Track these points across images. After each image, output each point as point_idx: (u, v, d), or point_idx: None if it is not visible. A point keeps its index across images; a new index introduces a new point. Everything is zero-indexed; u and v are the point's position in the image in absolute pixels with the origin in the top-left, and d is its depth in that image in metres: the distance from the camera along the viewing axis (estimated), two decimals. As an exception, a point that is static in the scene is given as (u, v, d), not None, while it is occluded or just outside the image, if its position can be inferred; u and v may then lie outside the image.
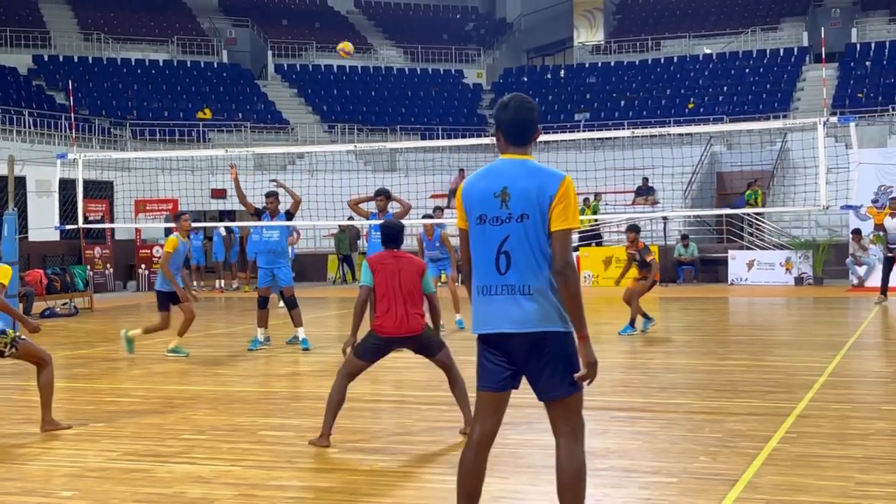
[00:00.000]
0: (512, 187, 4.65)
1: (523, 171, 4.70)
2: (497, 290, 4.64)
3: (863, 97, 35.48)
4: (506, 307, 4.61)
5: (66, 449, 7.80)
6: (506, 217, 4.63)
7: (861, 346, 13.43)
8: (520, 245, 4.60)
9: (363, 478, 6.70)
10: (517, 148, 4.79)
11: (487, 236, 4.66)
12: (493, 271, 4.64)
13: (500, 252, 4.62)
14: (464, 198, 4.78)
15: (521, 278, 4.59)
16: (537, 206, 4.60)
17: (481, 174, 4.80)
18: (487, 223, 4.67)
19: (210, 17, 46.40)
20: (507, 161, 4.77)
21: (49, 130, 32.04)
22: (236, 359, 13.14)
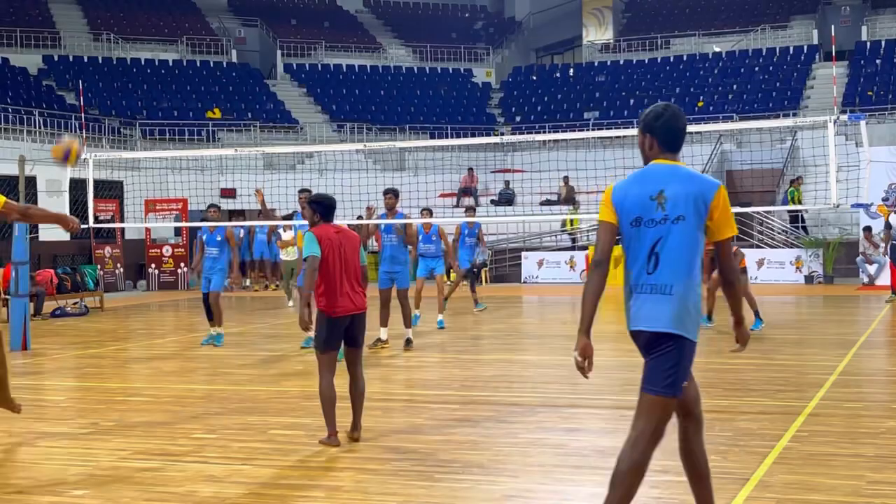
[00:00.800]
0: (668, 191, 4.80)
1: (679, 176, 4.86)
2: (644, 290, 4.82)
3: (873, 95, 35.37)
4: (648, 305, 4.79)
5: (77, 448, 7.82)
6: (661, 219, 4.78)
7: (871, 345, 13.39)
8: (671, 246, 4.75)
9: (373, 476, 6.70)
10: (671, 154, 4.99)
11: (642, 238, 4.83)
12: (643, 271, 4.83)
13: (652, 253, 4.80)
14: (617, 201, 4.92)
15: (666, 279, 4.76)
16: (694, 209, 4.74)
17: (635, 179, 4.95)
18: (643, 225, 4.83)
19: (219, 17, 46.45)
20: (662, 166, 4.93)
21: (59, 130, 32.09)
22: (247, 358, 13.16)
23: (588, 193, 30.82)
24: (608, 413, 8.87)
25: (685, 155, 21.24)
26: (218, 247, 14.53)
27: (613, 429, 8.11)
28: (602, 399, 9.61)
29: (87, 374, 12.12)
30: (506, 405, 9.33)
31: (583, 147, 33.40)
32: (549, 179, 31.68)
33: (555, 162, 30.16)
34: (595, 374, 11.42)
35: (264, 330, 15.85)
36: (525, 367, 12.22)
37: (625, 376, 11.01)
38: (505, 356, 13.18)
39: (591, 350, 4.99)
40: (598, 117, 38.66)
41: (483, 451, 7.37)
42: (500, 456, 7.22)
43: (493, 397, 9.79)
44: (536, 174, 31.76)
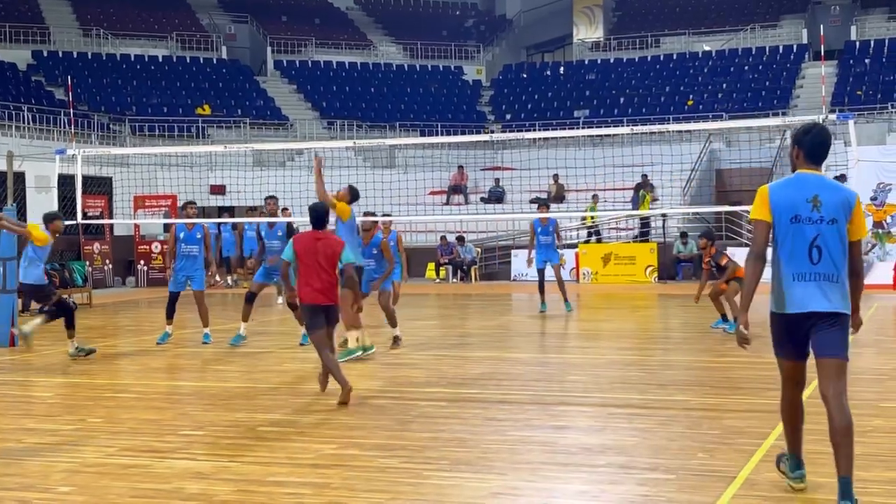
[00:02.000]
0: (822, 196, 5.72)
1: (826, 185, 5.80)
2: (810, 277, 5.69)
3: (862, 95, 35.48)
4: (814, 291, 5.68)
5: (64, 444, 7.80)
6: (817, 219, 5.69)
7: (859, 344, 13.43)
8: (830, 242, 5.68)
9: (361, 473, 6.70)
10: (815, 166, 5.87)
11: (803, 232, 5.70)
12: (806, 261, 5.70)
13: (813, 246, 5.68)
14: (776, 201, 5.78)
15: (831, 269, 5.68)
16: (843, 213, 5.71)
17: (787, 183, 5.86)
18: (802, 222, 5.71)
19: (209, 13, 46.36)
20: (810, 175, 5.82)
21: (48, 126, 32.02)
22: (234, 355, 13.14)
23: (577, 191, 30.86)
24: (596, 411, 8.89)
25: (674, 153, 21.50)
26: (198, 244, 14.41)
27: (601, 426, 8.12)
28: (590, 397, 9.62)
29: (74, 370, 12.09)
30: (494, 402, 9.34)
31: (573, 145, 33.45)
32: (539, 177, 31.69)
33: (545, 160, 30.20)
34: (583, 372, 11.45)
35: (253, 327, 15.81)
36: (514, 364, 12.22)
37: (613, 374, 11.03)
38: (494, 353, 13.19)
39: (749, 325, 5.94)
40: (588, 115, 38.69)
41: (471, 449, 7.37)
42: (488, 453, 7.23)
43: (482, 395, 9.80)
44: (526, 172, 31.79)
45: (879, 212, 26.07)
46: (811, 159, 5.84)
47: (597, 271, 27.88)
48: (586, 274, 27.96)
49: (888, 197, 25.98)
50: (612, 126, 31.40)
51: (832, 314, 5.67)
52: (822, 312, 5.66)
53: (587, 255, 28.28)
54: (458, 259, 30.05)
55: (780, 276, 5.80)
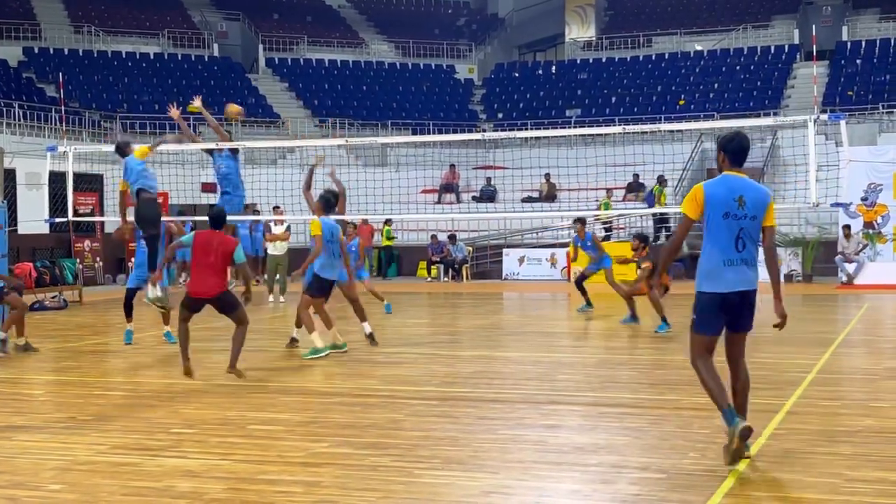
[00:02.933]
0: (746, 196, 6.77)
1: (749, 186, 6.85)
2: (735, 263, 6.78)
3: (853, 95, 35.56)
4: (736, 273, 6.80)
5: (54, 442, 7.78)
6: (742, 215, 6.75)
7: (850, 344, 13.47)
8: (751, 234, 6.80)
9: (353, 472, 6.69)
10: (738, 168, 6.90)
11: (732, 226, 6.75)
12: (733, 249, 6.76)
13: (738, 237, 6.75)
14: (710, 197, 6.77)
15: (751, 255, 6.83)
16: (762, 210, 6.82)
17: (718, 183, 6.85)
18: (731, 217, 6.74)
19: (201, 11, 46.28)
20: (736, 177, 6.86)
21: (39, 123, 31.93)
22: (225, 353, 13.10)
23: (569, 191, 30.87)
24: (587, 410, 8.89)
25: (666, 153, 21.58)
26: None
27: (593, 425, 8.12)
28: (582, 396, 9.63)
29: (65, 367, 12.06)
30: (486, 401, 9.33)
31: (564, 144, 33.46)
32: (531, 176, 31.74)
33: (536, 159, 30.23)
34: (575, 371, 11.46)
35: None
36: (505, 363, 12.23)
37: (604, 373, 11.03)
38: (485, 352, 13.19)
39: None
40: (579, 115, 38.73)
41: (463, 447, 7.37)
42: (479, 452, 7.23)
43: (473, 393, 9.79)
44: (518, 171, 31.84)
45: (870, 212, 26.13)
46: (735, 163, 6.89)
47: (588, 270, 27.85)
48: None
49: (879, 197, 26.04)
50: (603, 125, 31.40)
51: (753, 291, 6.91)
52: (746, 291, 6.84)
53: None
54: (449, 258, 30.05)
55: (712, 262, 6.80)
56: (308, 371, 11.44)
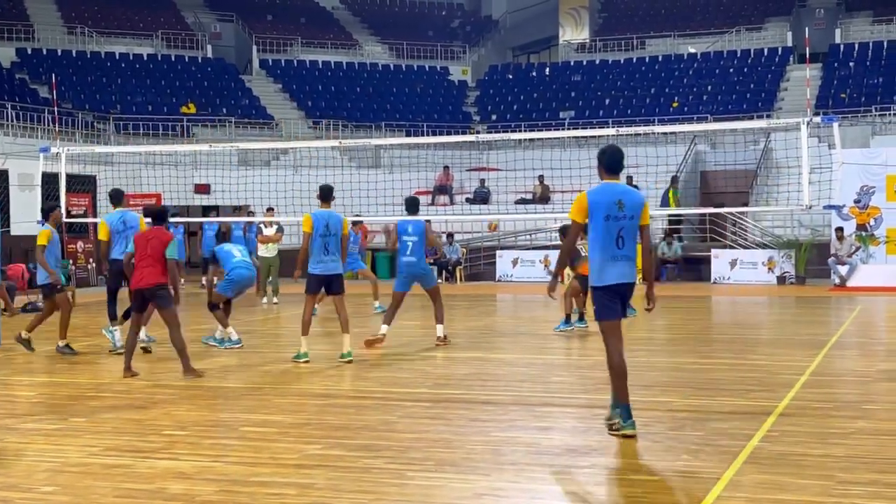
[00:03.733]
0: (624, 200, 7.76)
1: (626, 191, 7.90)
2: (618, 258, 7.74)
3: (846, 97, 35.63)
4: (622, 267, 7.76)
5: (47, 444, 7.77)
6: (622, 217, 7.73)
7: (842, 346, 13.49)
8: (630, 233, 7.77)
9: (345, 474, 6.69)
10: (614, 176, 7.93)
11: (613, 227, 7.71)
12: (614, 247, 7.72)
13: (619, 236, 7.71)
14: (593, 203, 7.75)
15: (629, 252, 7.78)
16: (638, 211, 7.80)
17: (599, 191, 7.84)
18: (612, 220, 7.70)
19: (195, 12, 46.24)
20: (613, 184, 7.89)
21: (32, 124, 31.88)
22: (217, 354, 13.10)
23: (563, 193, 30.87)
24: (580, 412, 8.89)
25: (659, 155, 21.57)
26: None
27: (586, 427, 8.13)
28: (575, 398, 9.63)
29: (57, 369, 12.04)
30: (479, 403, 9.33)
31: (558, 146, 33.46)
32: (525, 178, 31.72)
33: (530, 161, 30.22)
34: (568, 373, 11.46)
35: (236, 327, 15.77)
36: (499, 365, 12.23)
37: (597, 375, 11.03)
38: (478, 354, 13.19)
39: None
40: (573, 117, 38.74)
41: (456, 449, 7.37)
42: (472, 454, 7.23)
43: (467, 395, 9.79)
44: (511, 173, 31.83)
45: (863, 214, 26.18)
46: (610, 172, 7.91)
47: (581, 272, 27.89)
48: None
49: (871, 199, 26.09)
50: (597, 127, 31.40)
51: (632, 284, 7.88)
52: (627, 283, 7.81)
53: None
54: (443, 259, 30.05)
55: (598, 259, 7.77)
56: (301, 373, 11.43)
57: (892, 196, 25.51)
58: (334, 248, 12.17)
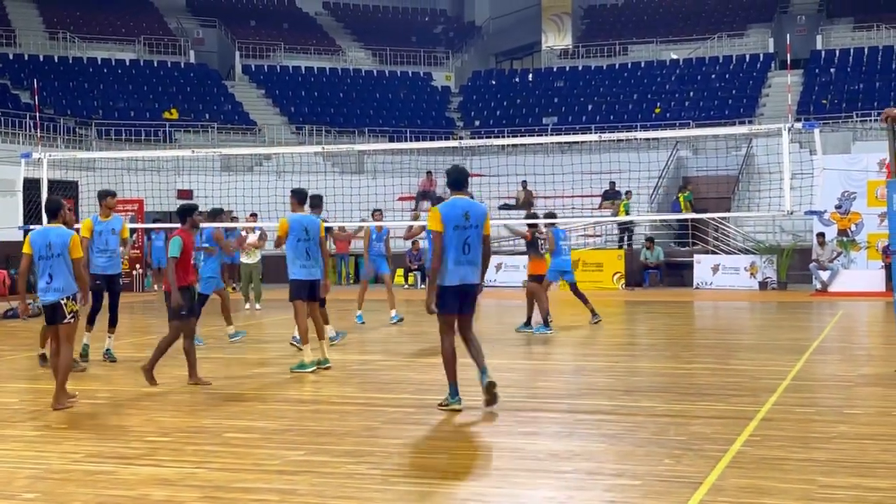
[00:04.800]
0: (470, 212, 9.07)
1: (471, 204, 9.18)
2: (462, 263, 9.00)
3: (827, 103, 35.82)
4: (466, 271, 9.05)
5: (28, 451, 7.73)
6: (468, 226, 9.04)
7: (824, 351, 13.56)
8: (474, 240, 9.05)
9: (329, 480, 6.68)
10: (461, 191, 9.25)
11: (459, 235, 8.98)
12: (461, 253, 8.98)
13: (465, 243, 9.01)
14: (445, 215, 9.01)
15: (474, 257, 9.07)
16: (481, 221, 9.11)
17: (451, 204, 9.12)
18: (460, 229, 8.99)
19: (177, 17, 46.14)
20: (461, 198, 9.20)
21: (13, 130, 31.74)
22: (201, 361, 13.05)
23: (546, 198, 30.93)
24: (564, 417, 8.90)
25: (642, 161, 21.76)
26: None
27: (569, 432, 8.14)
28: (559, 403, 9.64)
29: (39, 375, 11.98)
30: (463, 408, 9.33)
31: (541, 152, 33.52)
32: (508, 184, 31.75)
33: (513, 166, 30.25)
34: (552, 378, 11.46)
35: (219, 333, 15.75)
36: (482, 370, 12.22)
37: (581, 381, 11.06)
38: (461, 360, 13.17)
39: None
40: (556, 122, 38.83)
41: (439, 455, 7.37)
42: (456, 459, 7.23)
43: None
44: (495, 178, 31.82)
45: (844, 220, 26.33)
46: (456, 188, 9.21)
47: (564, 278, 27.92)
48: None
49: (852, 205, 26.23)
50: (580, 133, 31.51)
51: (475, 284, 9.14)
52: (471, 283, 9.07)
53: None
54: (426, 265, 30.03)
55: (447, 263, 8.97)
56: (285, 379, 11.40)
57: (872, 202, 25.64)
58: (316, 254, 12.05)
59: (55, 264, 9.73)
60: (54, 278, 9.72)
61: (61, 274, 9.70)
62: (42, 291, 9.78)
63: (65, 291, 9.71)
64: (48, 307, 9.79)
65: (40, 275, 9.79)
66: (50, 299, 9.74)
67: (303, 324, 11.91)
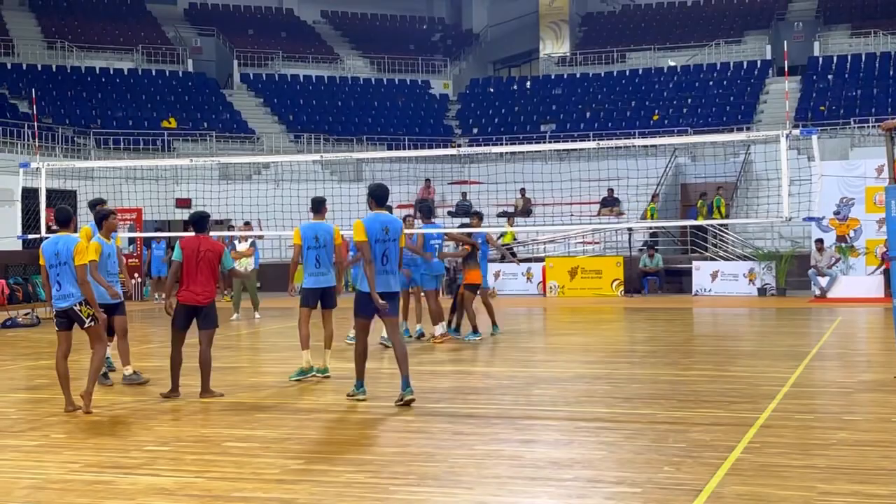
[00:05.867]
0: (389, 226, 9.99)
1: (389, 219, 10.11)
2: (382, 272, 9.90)
3: (825, 110, 35.87)
4: (387, 279, 9.95)
5: (27, 461, 7.72)
6: (387, 239, 9.95)
7: (823, 357, 13.55)
8: (393, 252, 10.01)
9: (328, 489, 6.67)
10: (383, 207, 10.15)
11: (380, 248, 9.91)
12: (380, 264, 9.89)
13: (384, 255, 9.92)
14: (368, 228, 9.89)
15: (392, 267, 10.00)
16: (398, 235, 10.03)
17: (372, 219, 10.00)
18: (380, 242, 9.90)
19: (175, 26, 46.19)
20: (382, 214, 10.11)
21: (12, 139, 31.76)
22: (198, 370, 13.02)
23: (544, 205, 30.96)
24: (563, 424, 8.90)
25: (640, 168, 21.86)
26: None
27: (569, 440, 8.13)
28: (557, 411, 9.63)
29: (38, 385, 11.97)
30: (461, 416, 9.33)
31: (539, 159, 33.55)
32: (506, 191, 31.79)
33: (511, 174, 30.29)
34: (550, 385, 11.47)
35: (217, 341, 15.71)
36: (481, 378, 12.23)
37: (580, 387, 11.05)
38: (461, 367, 13.19)
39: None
40: (554, 130, 38.87)
41: (438, 463, 7.36)
42: (455, 468, 7.22)
43: (449, 409, 9.79)
44: (493, 186, 31.88)
45: (842, 226, 26.35)
46: (379, 204, 10.09)
47: (563, 285, 27.95)
48: (553, 287, 28.03)
49: (851, 211, 26.25)
50: (578, 140, 31.53)
51: (393, 293, 10.03)
52: (388, 292, 9.92)
53: (553, 269, 28.35)
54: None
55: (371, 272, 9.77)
56: (283, 388, 11.39)
57: (871, 208, 25.66)
58: (326, 261, 11.86)
59: (62, 272, 9.75)
60: (62, 285, 9.76)
61: (69, 281, 9.74)
62: (54, 299, 9.86)
63: (75, 297, 9.74)
64: (62, 314, 9.83)
65: (52, 283, 9.84)
66: (61, 306, 9.78)
67: (303, 330, 11.86)
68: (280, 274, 30.96)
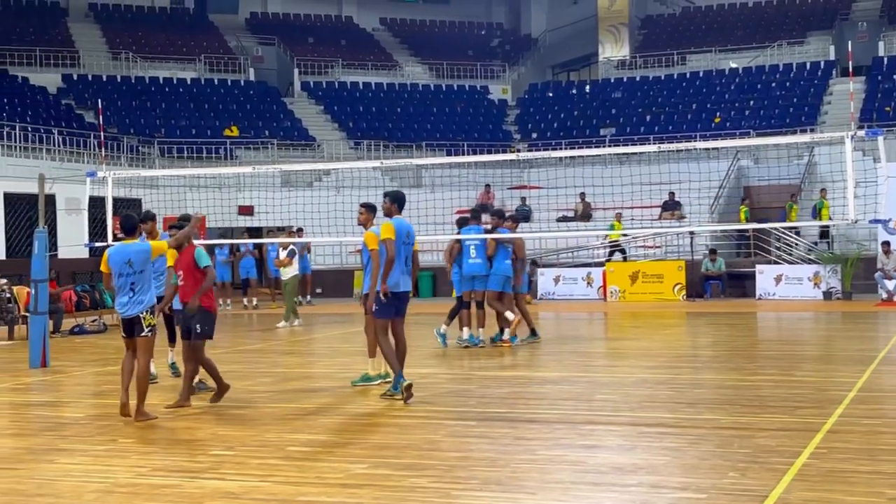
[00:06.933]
0: (409, 231, 10.78)
1: (409, 225, 10.85)
2: (404, 273, 10.68)
3: (890, 110, 35.26)
4: (406, 279, 10.75)
5: (96, 465, 7.85)
6: (408, 243, 10.75)
7: (891, 361, 13.33)
8: (409, 256, 10.78)
9: (391, 493, 6.70)
10: (401, 212, 10.82)
11: (404, 249, 10.69)
12: (403, 265, 10.64)
13: (406, 256, 10.69)
14: (397, 229, 10.58)
15: (409, 269, 10.77)
16: (413, 238, 10.81)
17: (398, 221, 10.69)
18: (403, 244, 10.65)
19: (237, 36, 46.72)
20: (402, 219, 10.81)
21: (78, 149, 32.32)
22: (264, 375, 13.18)
23: (605, 209, 30.81)
24: (625, 430, 8.85)
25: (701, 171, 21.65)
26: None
27: (632, 445, 8.09)
28: (619, 416, 9.58)
29: (105, 391, 12.16)
30: (523, 422, 9.32)
31: (599, 163, 33.38)
32: (566, 196, 31.69)
33: (571, 178, 30.17)
34: (613, 390, 11.41)
35: (281, 346, 15.89)
36: (541, 383, 12.21)
37: (642, 392, 10.98)
38: (522, 373, 13.17)
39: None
40: (614, 133, 38.67)
41: (501, 468, 7.36)
42: (518, 472, 7.22)
43: (510, 414, 9.79)
44: (553, 190, 31.80)
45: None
46: (399, 209, 10.76)
47: (624, 289, 27.78)
48: (614, 292, 27.88)
49: (918, 213, 25.72)
50: (638, 144, 31.35)
51: (408, 292, 10.79)
52: (407, 291, 10.71)
53: (614, 274, 28.19)
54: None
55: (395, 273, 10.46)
56: (345, 392, 11.46)
57: (938, 209, 25.14)
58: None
59: (137, 280, 9.87)
60: (136, 293, 9.86)
61: (144, 288, 9.88)
62: (121, 306, 9.91)
63: (145, 305, 9.88)
64: (127, 321, 9.95)
65: (119, 291, 9.91)
66: (130, 313, 9.87)
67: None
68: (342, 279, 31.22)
